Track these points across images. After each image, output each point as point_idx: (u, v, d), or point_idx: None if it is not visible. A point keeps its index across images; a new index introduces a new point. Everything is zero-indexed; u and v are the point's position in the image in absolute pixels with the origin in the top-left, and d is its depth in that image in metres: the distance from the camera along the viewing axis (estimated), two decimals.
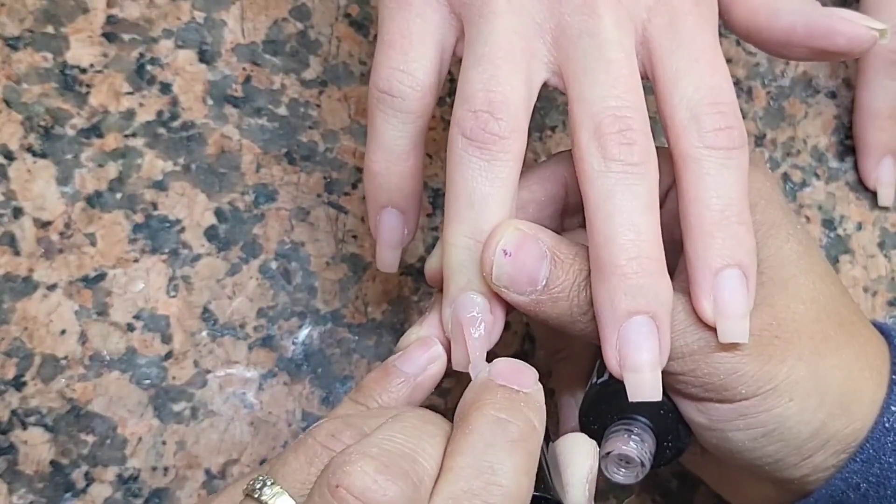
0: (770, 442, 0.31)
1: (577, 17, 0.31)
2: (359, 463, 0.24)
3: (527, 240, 0.30)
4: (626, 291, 0.29)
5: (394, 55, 0.32)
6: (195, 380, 0.38)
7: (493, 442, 0.26)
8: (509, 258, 0.30)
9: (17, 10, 0.39)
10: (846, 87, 0.51)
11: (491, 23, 0.31)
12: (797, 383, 0.31)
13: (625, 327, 0.29)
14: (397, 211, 0.34)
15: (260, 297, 0.39)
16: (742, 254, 0.30)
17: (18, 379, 0.36)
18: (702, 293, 0.30)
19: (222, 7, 0.42)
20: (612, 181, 0.29)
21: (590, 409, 0.34)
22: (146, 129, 0.39)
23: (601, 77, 0.30)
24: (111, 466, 0.36)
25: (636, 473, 0.32)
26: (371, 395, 0.31)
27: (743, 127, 0.31)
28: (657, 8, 0.31)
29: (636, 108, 0.30)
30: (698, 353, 0.30)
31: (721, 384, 0.30)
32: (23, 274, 0.37)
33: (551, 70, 0.31)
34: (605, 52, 0.30)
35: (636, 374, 0.29)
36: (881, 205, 0.49)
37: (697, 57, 0.31)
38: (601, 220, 0.29)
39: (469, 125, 0.30)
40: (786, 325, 0.31)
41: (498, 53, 0.30)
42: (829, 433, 0.31)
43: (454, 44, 0.33)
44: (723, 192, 0.30)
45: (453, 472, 0.25)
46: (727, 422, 0.31)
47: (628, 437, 0.32)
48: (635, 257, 0.29)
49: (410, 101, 0.32)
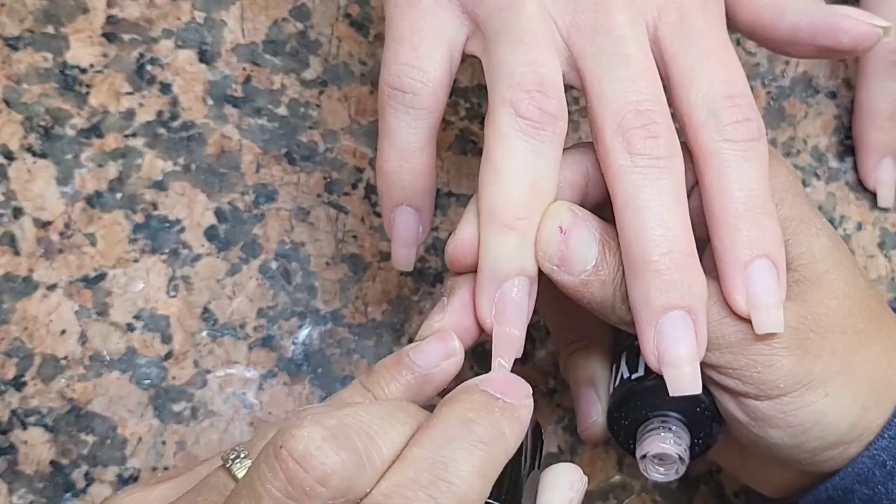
0: (809, 438, 0.31)
1: (591, 14, 0.31)
2: (307, 428, 0.24)
3: (578, 220, 0.30)
4: (661, 287, 0.29)
5: (403, 51, 0.32)
6: (195, 380, 0.38)
7: (453, 438, 0.26)
8: (563, 236, 0.30)
9: (17, 10, 0.39)
10: (846, 87, 0.51)
11: (520, 10, 0.31)
12: (832, 378, 0.31)
13: (661, 323, 0.29)
14: (412, 209, 0.34)
15: (260, 297, 0.39)
16: (769, 244, 0.30)
17: (18, 379, 0.36)
18: (733, 287, 0.30)
19: (222, 7, 0.42)
20: (640, 176, 0.29)
21: (621, 405, 0.34)
22: (146, 129, 0.39)
23: (620, 72, 0.30)
24: (111, 466, 0.36)
25: (675, 470, 0.32)
26: (379, 382, 0.30)
27: (760, 119, 0.31)
28: (667, 7, 0.31)
29: (658, 101, 0.30)
30: (735, 346, 0.30)
31: (759, 377, 0.30)
32: (23, 274, 0.37)
33: (568, 65, 0.31)
34: (623, 48, 0.30)
35: (675, 368, 0.29)
36: (881, 205, 0.49)
37: (709, 53, 0.31)
38: (631, 215, 0.29)
39: (524, 105, 0.30)
40: (820, 321, 0.31)
41: (534, 38, 0.30)
42: (864, 425, 0.32)
43: (464, 42, 0.33)
44: (745, 184, 0.30)
45: (406, 460, 0.25)
46: (766, 419, 0.31)
47: (665, 435, 0.32)
48: (667, 252, 0.29)
49: (423, 97, 0.32)
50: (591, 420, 0.37)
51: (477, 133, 0.44)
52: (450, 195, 0.42)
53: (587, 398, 0.37)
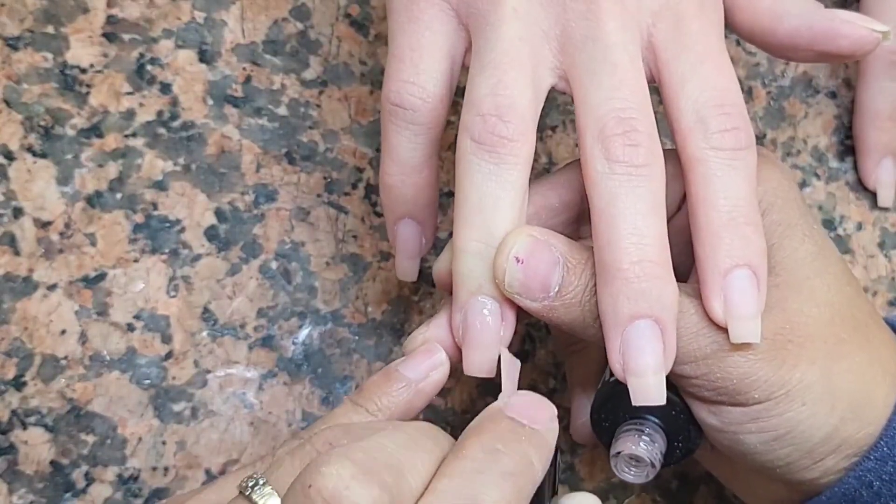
0: (782, 445, 0.31)
1: (582, 22, 0.31)
2: (336, 465, 0.24)
3: (539, 246, 0.30)
4: (629, 295, 0.28)
5: (404, 68, 0.32)
6: (195, 380, 0.38)
7: (482, 470, 0.26)
8: (521, 265, 0.29)
9: (17, 10, 0.39)
10: (846, 87, 0.51)
11: (497, 30, 0.31)
12: (809, 388, 0.30)
13: (628, 331, 0.29)
14: (414, 222, 0.34)
15: (260, 297, 0.39)
16: (751, 254, 0.30)
17: (18, 379, 0.36)
18: (712, 294, 0.30)
19: (222, 7, 0.42)
20: (616, 183, 0.29)
21: (602, 406, 0.34)
22: (146, 129, 0.39)
23: (605, 80, 0.30)
24: (111, 466, 0.36)
25: (646, 473, 0.32)
26: (371, 397, 0.31)
27: (750, 128, 0.31)
28: (662, 13, 0.31)
29: (641, 109, 0.30)
30: (711, 357, 0.30)
31: (734, 388, 0.30)
32: (23, 274, 0.37)
33: (557, 75, 0.31)
34: (609, 56, 0.30)
35: (639, 378, 0.29)
36: (881, 205, 0.49)
37: (703, 59, 0.31)
38: (605, 223, 0.29)
39: (478, 129, 0.30)
40: (799, 329, 0.31)
41: (504, 59, 0.30)
42: (841, 437, 0.31)
43: (464, 54, 0.33)
44: (730, 193, 0.30)
45: (435, 493, 0.25)
46: (739, 425, 0.31)
47: (638, 438, 0.32)
48: (638, 261, 0.28)
49: (422, 113, 0.32)
50: (580, 421, 0.37)
51: None
52: (450, 195, 0.42)
53: (578, 401, 0.38)
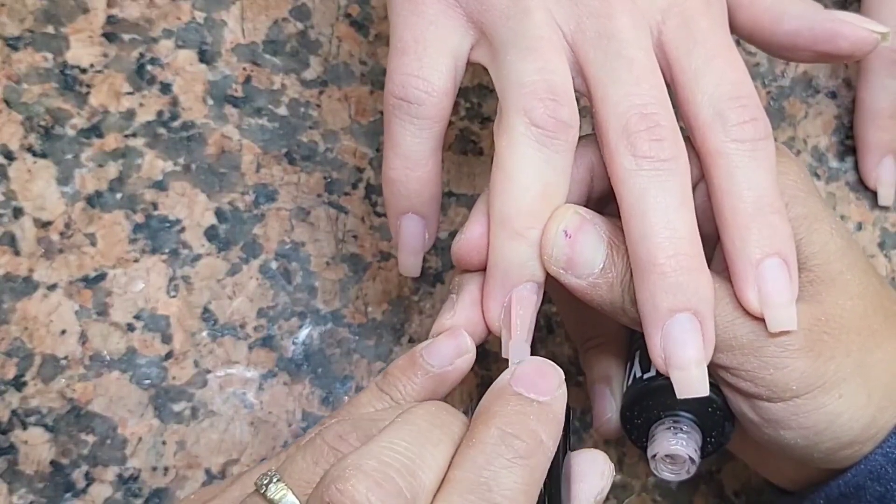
0: (822, 440, 0.31)
1: (595, 19, 0.31)
2: (352, 480, 0.24)
3: (585, 224, 0.30)
4: (667, 290, 0.29)
5: (408, 61, 0.32)
6: (195, 380, 0.38)
7: (494, 457, 0.26)
8: (569, 240, 0.30)
9: (17, 10, 0.39)
10: (846, 87, 0.51)
11: (525, 18, 0.31)
12: (845, 380, 0.31)
13: (668, 325, 0.29)
14: (418, 217, 0.34)
15: (260, 297, 0.39)
16: (780, 242, 0.30)
17: (18, 379, 0.36)
18: (745, 285, 0.30)
19: (222, 7, 0.42)
20: (645, 179, 0.29)
21: (634, 404, 0.34)
22: (146, 129, 0.39)
23: (624, 76, 0.30)
24: (111, 466, 0.36)
25: (686, 469, 0.32)
26: (395, 384, 0.31)
27: (766, 118, 0.31)
28: (670, 10, 0.31)
29: (662, 104, 0.30)
30: (748, 347, 0.30)
31: (771, 379, 0.30)
32: (23, 274, 0.37)
33: (574, 70, 0.31)
34: (626, 52, 0.30)
35: (682, 371, 0.29)
36: (881, 205, 0.49)
37: (714, 55, 0.31)
38: (637, 218, 0.29)
39: (538, 114, 0.30)
40: (834, 322, 0.31)
41: (543, 45, 0.30)
42: (879, 425, 0.32)
43: (469, 51, 0.33)
44: (754, 183, 0.30)
45: (450, 484, 0.25)
46: (779, 421, 0.31)
47: (675, 435, 0.32)
48: (673, 255, 0.29)
49: (427, 107, 0.32)
50: (605, 417, 0.37)
51: (477, 133, 0.44)
52: (450, 195, 0.42)
53: (602, 395, 0.38)
